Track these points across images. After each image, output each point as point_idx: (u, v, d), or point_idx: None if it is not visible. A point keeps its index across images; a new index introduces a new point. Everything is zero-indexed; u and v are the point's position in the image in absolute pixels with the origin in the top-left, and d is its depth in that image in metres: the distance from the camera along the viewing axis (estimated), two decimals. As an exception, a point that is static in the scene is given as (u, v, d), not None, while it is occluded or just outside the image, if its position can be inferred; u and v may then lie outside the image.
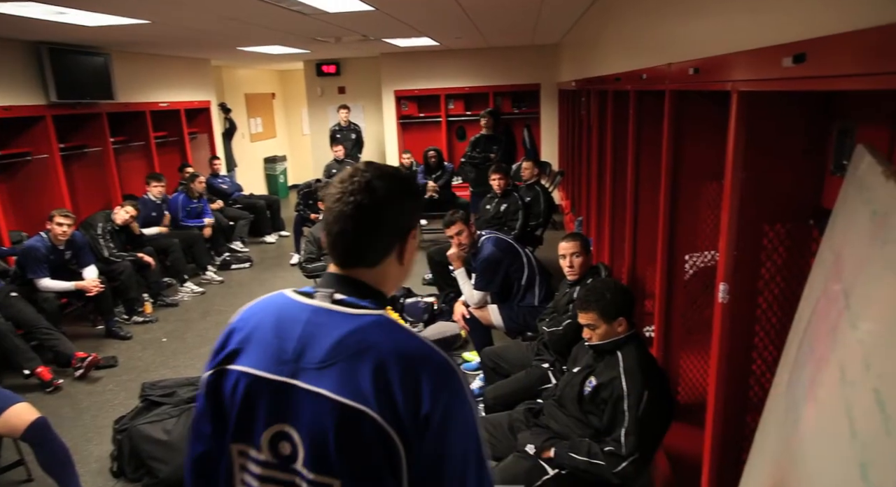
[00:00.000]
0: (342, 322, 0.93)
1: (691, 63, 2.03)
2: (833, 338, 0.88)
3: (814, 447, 0.79)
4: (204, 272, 5.98)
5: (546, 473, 2.07)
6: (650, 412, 1.94)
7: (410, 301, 4.52)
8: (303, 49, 7.32)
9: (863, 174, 1.12)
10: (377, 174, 0.97)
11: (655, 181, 3.06)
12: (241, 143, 9.49)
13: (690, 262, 2.64)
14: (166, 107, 6.82)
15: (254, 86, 10.47)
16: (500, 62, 8.46)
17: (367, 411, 0.86)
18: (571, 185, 7.16)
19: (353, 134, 8.26)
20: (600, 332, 2.06)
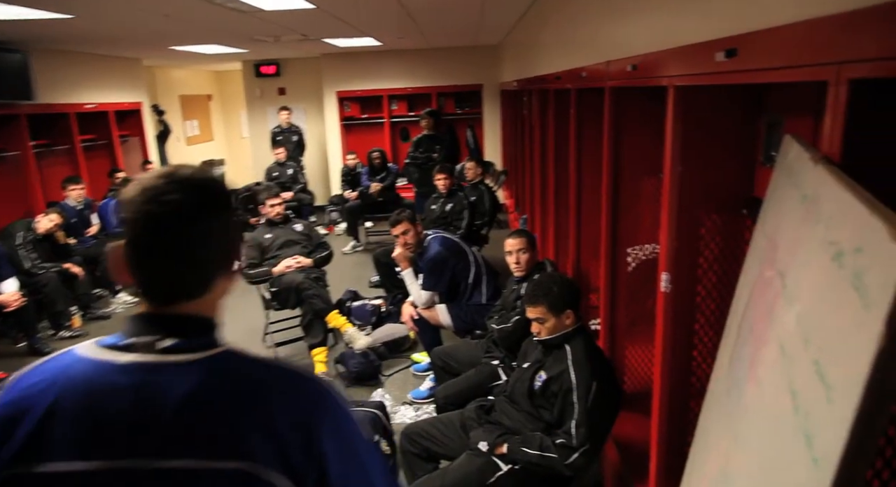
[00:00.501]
0: (182, 374, 0.74)
1: (629, 60, 2.08)
2: (771, 318, 0.91)
3: (757, 423, 0.81)
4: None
5: (499, 469, 2.07)
6: (599, 402, 1.97)
7: (357, 304, 4.45)
8: (240, 49, 7.12)
9: (791, 162, 1.17)
10: (178, 185, 0.77)
11: (597, 177, 3.13)
12: (176, 147, 9.14)
13: (632, 256, 2.71)
14: (93, 108, 6.47)
15: (189, 88, 10.10)
16: (442, 63, 8.49)
17: (255, 467, 0.71)
18: (515, 184, 7.25)
19: (295, 136, 8.08)
20: (549, 326, 2.08)
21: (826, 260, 0.67)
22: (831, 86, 0.95)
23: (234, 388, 0.76)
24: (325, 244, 4.16)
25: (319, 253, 4.06)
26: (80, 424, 0.72)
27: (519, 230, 3.00)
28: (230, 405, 0.74)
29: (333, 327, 3.77)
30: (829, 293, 0.62)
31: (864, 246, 0.53)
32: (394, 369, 3.82)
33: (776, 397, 0.74)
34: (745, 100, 1.66)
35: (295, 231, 4.11)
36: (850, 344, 0.51)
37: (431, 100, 8.55)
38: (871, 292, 0.49)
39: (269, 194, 4.14)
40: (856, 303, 0.52)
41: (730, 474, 1.06)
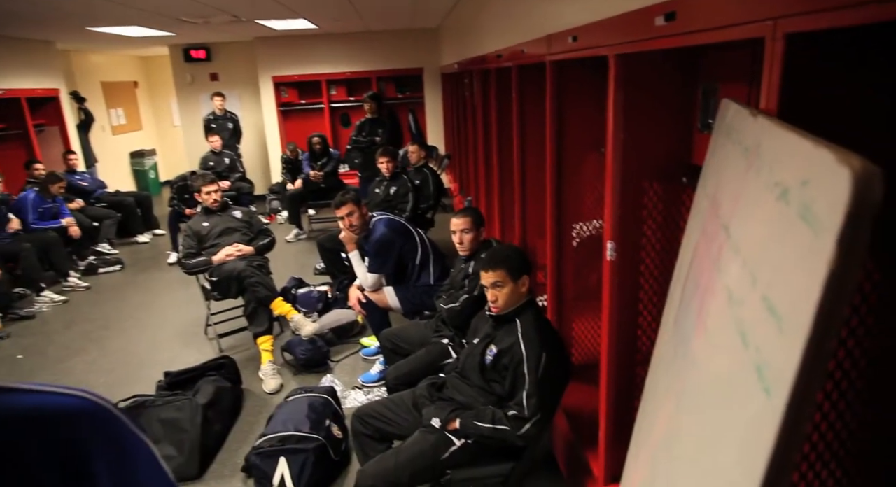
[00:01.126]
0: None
1: (569, 32, 2.09)
2: (717, 269, 0.92)
3: (707, 369, 0.82)
4: (65, 278, 5.37)
5: (453, 444, 2.06)
6: (549, 373, 1.99)
7: (303, 291, 4.35)
8: (166, 31, 6.75)
9: (730, 122, 1.19)
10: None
11: (541, 155, 3.15)
12: (101, 137, 8.64)
13: (577, 231, 2.75)
14: (2, 94, 6.00)
15: (112, 74, 9.55)
16: (381, 47, 8.35)
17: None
18: (459, 168, 7.25)
19: (230, 123, 7.77)
20: (506, 291, 2.08)
21: (770, 202, 0.67)
22: (768, 42, 0.97)
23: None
24: (267, 231, 4.03)
25: (261, 241, 3.93)
26: None
27: (464, 209, 2.98)
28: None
29: (279, 315, 3.67)
30: (776, 232, 0.63)
31: (811, 178, 0.54)
32: (343, 355, 3.76)
33: (725, 340, 0.75)
34: (682, 68, 1.69)
35: (234, 218, 3.96)
36: (800, 273, 0.51)
37: (371, 84, 8.42)
38: (821, 219, 0.49)
39: (203, 181, 3.96)
40: (805, 234, 0.52)
41: (678, 430, 1.08)
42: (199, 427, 2.74)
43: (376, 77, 8.47)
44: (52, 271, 5.33)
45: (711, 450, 0.81)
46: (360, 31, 8.17)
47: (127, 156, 9.62)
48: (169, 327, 4.44)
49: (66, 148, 6.99)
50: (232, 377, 3.26)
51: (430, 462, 2.05)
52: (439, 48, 8.33)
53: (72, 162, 6.61)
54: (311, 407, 2.72)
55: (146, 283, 5.52)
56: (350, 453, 2.75)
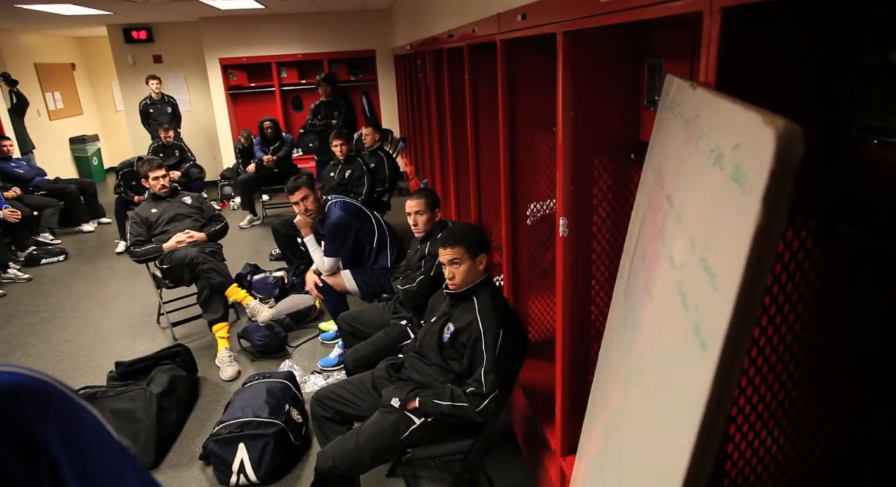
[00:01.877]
0: None
1: (518, 10, 2.09)
2: (661, 238, 0.96)
3: (653, 337, 0.85)
4: (4, 271, 5.12)
5: (413, 423, 2.08)
6: (506, 350, 2.02)
7: (259, 277, 4.28)
8: (103, 10, 6.44)
9: (674, 95, 1.22)
10: None
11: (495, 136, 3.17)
12: (37, 122, 8.22)
13: (531, 211, 2.79)
14: (-74, 77, 5.64)
15: (47, 56, 9.06)
16: (332, 28, 8.18)
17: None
18: (414, 150, 7.22)
19: (169, 107, 7.48)
20: (464, 268, 2.09)
21: (708, 168, 0.70)
22: (706, 16, 1.00)
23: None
24: (219, 216, 3.93)
25: (213, 227, 3.83)
26: None
27: (418, 190, 2.98)
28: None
29: (234, 301, 3.60)
30: (712, 196, 0.66)
31: (743, 141, 0.56)
32: (301, 340, 3.73)
33: (668, 306, 0.78)
34: (629, 46, 1.73)
35: (184, 204, 3.85)
36: (732, 232, 0.54)
37: (323, 66, 8.26)
38: (750, 178, 0.51)
39: (150, 166, 3.82)
40: (736, 195, 0.55)
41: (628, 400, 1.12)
42: (154, 417, 2.68)
43: (328, 59, 8.31)
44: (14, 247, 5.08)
45: (658, 415, 0.84)
46: (310, 12, 7.98)
47: (67, 142, 9.18)
48: (119, 317, 4.30)
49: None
50: (187, 365, 3.19)
51: (390, 441, 2.06)
52: (392, 29, 8.22)
53: (6, 148, 6.27)
54: (269, 393, 2.69)
55: (93, 273, 5.32)
56: (311, 437, 2.74)
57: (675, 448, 0.64)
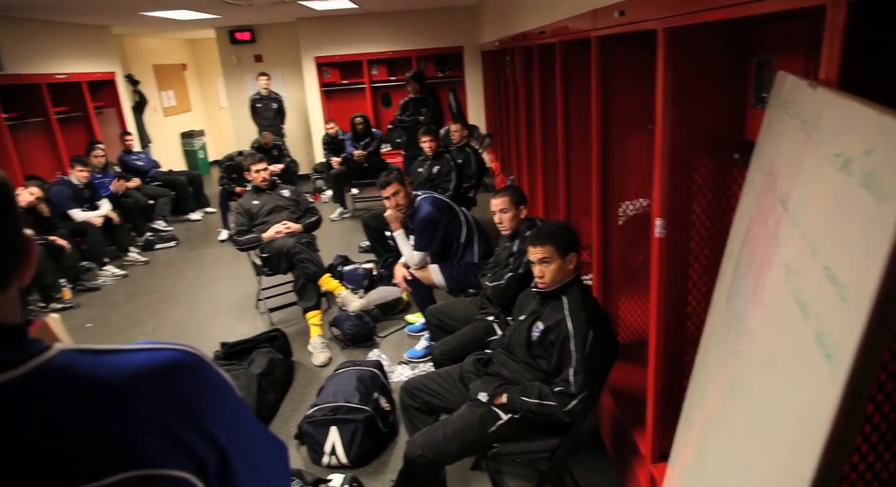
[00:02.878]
0: (9, 397, 0.61)
1: (616, 6, 2.06)
2: (774, 244, 0.93)
3: (764, 343, 0.83)
4: (126, 253, 5.65)
5: (499, 418, 2.11)
6: (596, 350, 2.01)
7: (349, 268, 4.46)
8: (213, 14, 6.91)
9: (787, 94, 1.17)
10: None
11: (586, 133, 3.12)
12: (154, 118, 8.94)
13: (623, 210, 2.73)
14: (65, 79, 6.28)
15: (162, 57, 9.82)
16: (422, 25, 8.33)
17: (146, 471, 0.63)
18: (500, 147, 7.22)
19: (275, 103, 7.92)
20: (553, 267, 2.10)
21: (832, 174, 0.68)
22: (829, 9, 0.95)
23: (88, 395, 0.63)
24: (314, 209, 4.14)
25: (308, 219, 4.03)
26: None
27: (503, 188, 2.98)
28: (89, 414, 0.62)
29: (327, 290, 3.78)
30: (837, 202, 0.64)
31: (876, 147, 0.54)
32: (388, 331, 3.85)
33: (783, 313, 0.76)
34: (735, 40, 1.65)
35: (283, 196, 4.08)
36: (863, 241, 0.52)
37: (412, 63, 8.42)
38: (886, 185, 0.50)
39: (252, 160, 4.08)
40: (868, 202, 0.53)
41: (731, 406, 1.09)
42: (255, 396, 2.88)
43: (416, 56, 8.46)
44: (115, 246, 5.61)
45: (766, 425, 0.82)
46: (400, 10, 8.16)
47: (178, 136, 9.92)
48: (221, 301, 4.62)
49: (122, 129, 7.29)
50: (284, 349, 3.39)
51: (476, 435, 2.10)
52: (480, 26, 8.24)
53: (128, 142, 6.88)
54: (359, 380, 2.81)
55: (199, 259, 5.75)
56: (397, 425, 2.84)
57: (787, 462, 0.63)
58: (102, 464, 0.61)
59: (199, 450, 0.67)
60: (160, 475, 0.63)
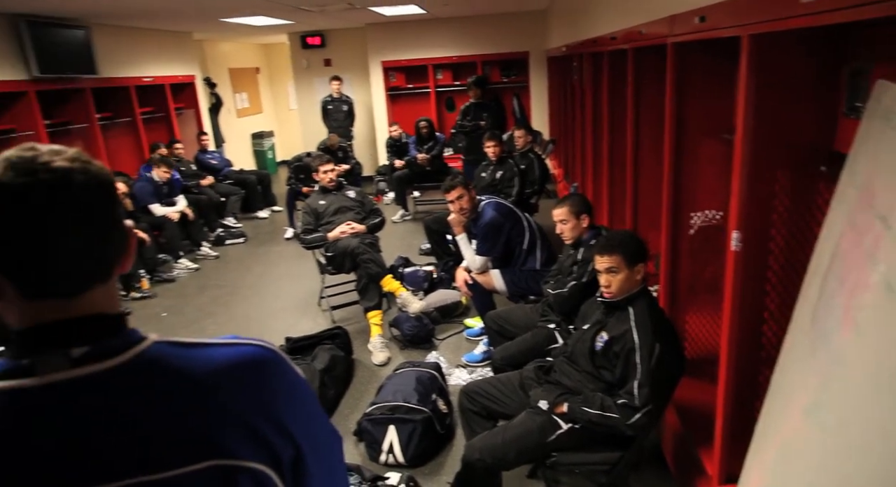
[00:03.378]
0: (107, 385, 0.64)
1: (696, 11, 2.00)
2: (872, 263, 0.88)
3: (859, 365, 0.79)
4: (199, 248, 5.93)
5: (560, 428, 2.09)
6: (662, 364, 1.96)
7: (410, 270, 4.52)
8: (287, 20, 7.16)
9: (890, 104, 1.11)
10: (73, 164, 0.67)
11: (656, 141, 3.05)
12: (227, 119, 9.34)
13: (693, 221, 2.65)
14: (150, 81, 6.67)
15: (238, 61, 10.26)
16: (487, 30, 8.35)
17: (226, 461, 0.66)
18: (564, 153, 7.14)
19: (346, 106, 8.14)
20: (620, 278, 2.06)
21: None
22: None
23: (178, 386, 0.67)
24: (378, 211, 4.22)
25: (372, 220, 4.12)
26: (6, 471, 0.60)
27: (565, 197, 2.95)
28: (179, 405, 0.66)
29: (388, 291, 3.84)
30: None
31: None
32: (447, 334, 3.88)
33: (883, 336, 0.72)
34: (826, 47, 1.58)
35: (348, 197, 4.18)
36: None
37: (477, 68, 8.45)
38: None
39: (321, 161, 4.21)
40: None
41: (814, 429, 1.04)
42: (317, 391, 2.96)
43: (482, 61, 8.49)
44: (189, 241, 5.90)
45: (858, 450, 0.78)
46: (467, 16, 8.21)
47: (249, 137, 10.33)
48: (286, 297, 4.78)
49: (199, 129, 7.66)
50: (345, 347, 3.47)
51: (535, 442, 2.08)
52: (547, 31, 8.19)
53: (204, 142, 7.23)
54: (419, 381, 2.85)
55: (266, 256, 5.96)
56: (454, 428, 2.85)
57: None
58: (187, 452, 0.65)
59: (276, 444, 0.69)
60: (239, 466, 0.66)
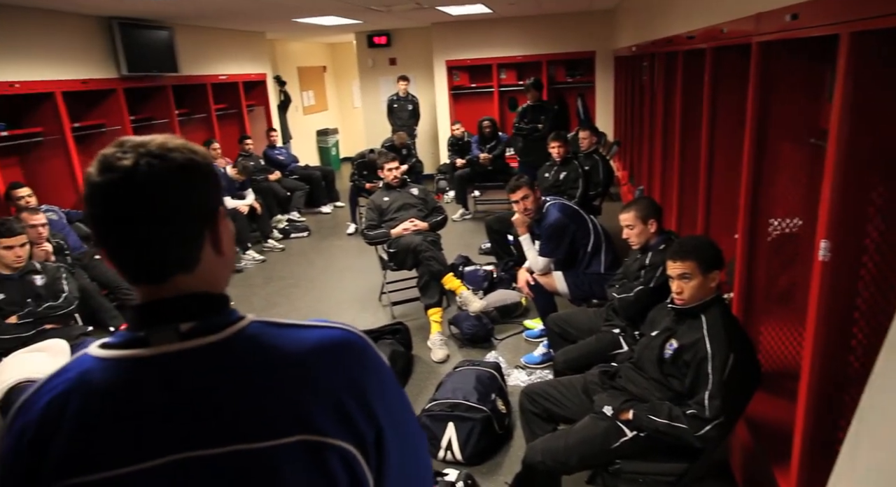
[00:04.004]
0: (211, 358, 0.70)
1: (788, 9, 1.91)
2: None
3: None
4: (266, 240, 6.14)
5: (624, 435, 2.04)
6: (736, 376, 1.89)
7: (470, 269, 4.52)
8: (355, 19, 7.30)
9: None
10: (155, 149, 0.70)
11: (734, 144, 2.94)
12: (294, 116, 9.62)
13: (771, 227, 2.54)
14: (225, 79, 6.95)
15: (306, 60, 10.55)
16: (553, 29, 8.25)
17: (316, 437, 0.69)
18: (629, 155, 6.97)
19: (410, 105, 8.24)
20: (694, 284, 2.00)
21: None
22: None
23: (273, 363, 0.71)
24: (441, 209, 4.25)
25: (435, 218, 4.15)
26: (114, 429, 0.67)
27: (633, 201, 2.87)
28: (273, 380, 0.70)
29: (449, 289, 3.86)
30: None
31: None
32: (506, 334, 3.86)
33: None
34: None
35: (411, 195, 4.23)
36: None
37: (541, 68, 8.36)
38: None
39: (386, 158, 4.27)
40: None
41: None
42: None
43: (547, 60, 8.40)
44: (258, 233, 6.13)
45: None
46: (533, 15, 8.14)
47: (314, 133, 10.61)
48: (348, 291, 4.88)
49: (268, 125, 7.92)
50: (405, 342, 3.51)
51: (599, 448, 2.05)
52: (615, 30, 8.02)
53: (273, 138, 7.48)
54: (478, 380, 2.85)
55: (328, 250, 6.11)
56: (512, 428, 2.84)
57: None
58: (279, 426, 0.68)
59: (361, 425, 0.71)
60: (327, 443, 0.69)
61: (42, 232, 3.47)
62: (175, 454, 0.67)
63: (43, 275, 2.92)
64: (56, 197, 4.69)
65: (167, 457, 0.67)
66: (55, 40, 4.68)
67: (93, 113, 5.26)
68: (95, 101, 5.22)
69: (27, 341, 2.74)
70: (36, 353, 2.68)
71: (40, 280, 2.90)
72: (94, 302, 3.74)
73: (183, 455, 0.67)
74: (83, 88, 4.87)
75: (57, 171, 4.81)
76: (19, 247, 2.77)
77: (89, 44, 5.00)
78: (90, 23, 5.00)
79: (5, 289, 2.78)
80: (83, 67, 4.91)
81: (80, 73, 4.86)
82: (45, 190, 4.61)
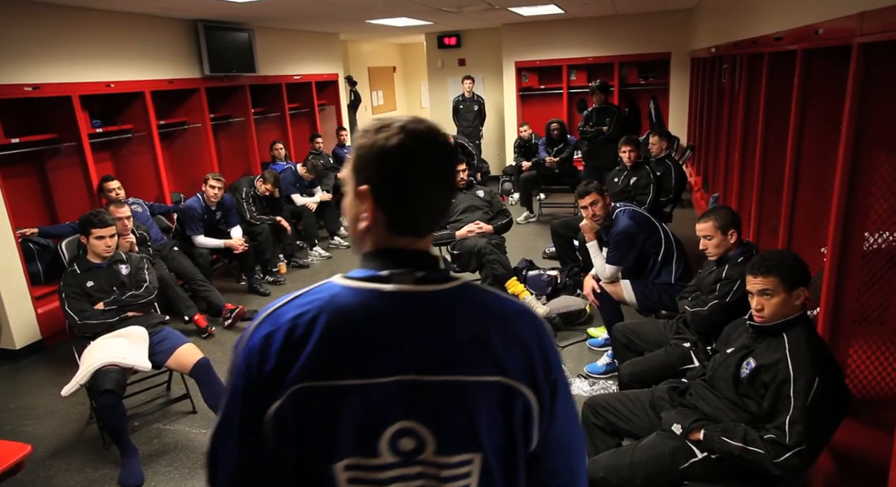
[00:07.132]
0: (438, 301, 0.82)
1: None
2: None
3: None
4: (332, 237, 6.29)
5: (694, 455, 1.95)
6: (821, 401, 1.76)
7: (533, 273, 4.46)
8: (426, 20, 7.36)
9: None
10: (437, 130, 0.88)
11: (823, 152, 2.77)
12: (364, 115, 9.81)
13: (866, 244, 2.36)
14: (299, 79, 7.16)
15: (376, 60, 10.74)
16: (627, 30, 8.03)
17: (512, 381, 0.81)
18: (704, 161, 6.69)
19: (476, 105, 8.23)
20: (775, 302, 1.89)
21: None
22: None
23: (485, 314, 0.83)
24: (506, 211, 4.21)
25: (500, 221, 4.12)
26: (356, 345, 0.79)
27: (710, 211, 2.73)
28: (484, 327, 0.82)
29: (512, 293, 3.83)
30: None
31: None
32: (569, 341, 3.79)
33: None
34: None
35: (477, 197, 4.21)
36: None
37: (613, 69, 8.16)
38: None
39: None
40: None
41: None
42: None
43: (619, 62, 8.19)
44: (325, 230, 6.28)
45: None
46: (606, 16, 7.95)
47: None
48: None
49: (338, 124, 8.11)
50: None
51: (666, 468, 1.97)
52: (692, 31, 7.71)
53: (342, 137, 7.64)
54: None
55: (393, 249, 6.17)
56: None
57: None
58: (486, 364, 0.81)
59: (542, 382, 0.83)
60: (517, 389, 0.82)
61: (127, 223, 3.68)
62: (402, 375, 0.78)
63: (127, 265, 3.09)
64: (141, 190, 4.98)
65: (394, 377, 0.78)
66: (146, 42, 4.96)
67: (177, 111, 5.55)
68: (179, 100, 5.51)
69: (111, 327, 2.90)
70: (119, 338, 2.83)
71: (125, 269, 3.07)
72: (172, 292, 3.93)
73: (410, 378, 0.78)
74: (169, 88, 5.15)
75: (143, 166, 5.11)
76: (109, 238, 2.94)
77: (176, 45, 5.28)
78: (178, 25, 5.28)
79: (95, 277, 2.96)
80: (170, 68, 5.19)
81: (167, 73, 5.14)
82: (131, 183, 4.90)
